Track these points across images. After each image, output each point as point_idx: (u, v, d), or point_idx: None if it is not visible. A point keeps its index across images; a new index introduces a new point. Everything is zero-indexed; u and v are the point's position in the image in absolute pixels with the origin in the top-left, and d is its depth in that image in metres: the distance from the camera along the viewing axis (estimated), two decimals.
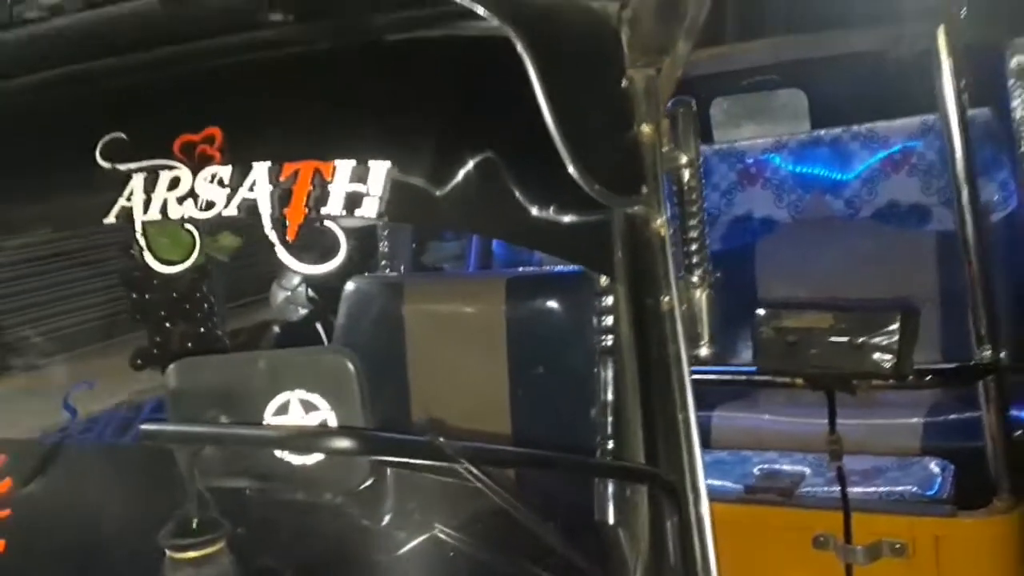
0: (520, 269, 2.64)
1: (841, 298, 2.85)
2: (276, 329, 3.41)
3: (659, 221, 1.26)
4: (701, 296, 1.35)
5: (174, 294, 1.80)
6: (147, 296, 1.78)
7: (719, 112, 3.57)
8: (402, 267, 3.15)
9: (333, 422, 1.11)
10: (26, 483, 1.41)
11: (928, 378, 2.06)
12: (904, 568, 1.98)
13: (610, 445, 1.29)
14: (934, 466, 2.22)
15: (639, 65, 1.28)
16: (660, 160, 1.28)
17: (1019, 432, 2.34)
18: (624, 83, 1.27)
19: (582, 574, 1.18)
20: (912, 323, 1.78)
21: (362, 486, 1.11)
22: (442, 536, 1.24)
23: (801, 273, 3.28)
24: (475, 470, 1.03)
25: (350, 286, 2.15)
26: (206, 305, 1.89)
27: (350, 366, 1.14)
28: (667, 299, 1.25)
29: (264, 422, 1.13)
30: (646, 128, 1.27)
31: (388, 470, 1.17)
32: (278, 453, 1.13)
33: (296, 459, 1.12)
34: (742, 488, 2.24)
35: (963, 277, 3.29)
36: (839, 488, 1.97)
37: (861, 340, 1.78)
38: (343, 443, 1.08)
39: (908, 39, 2.09)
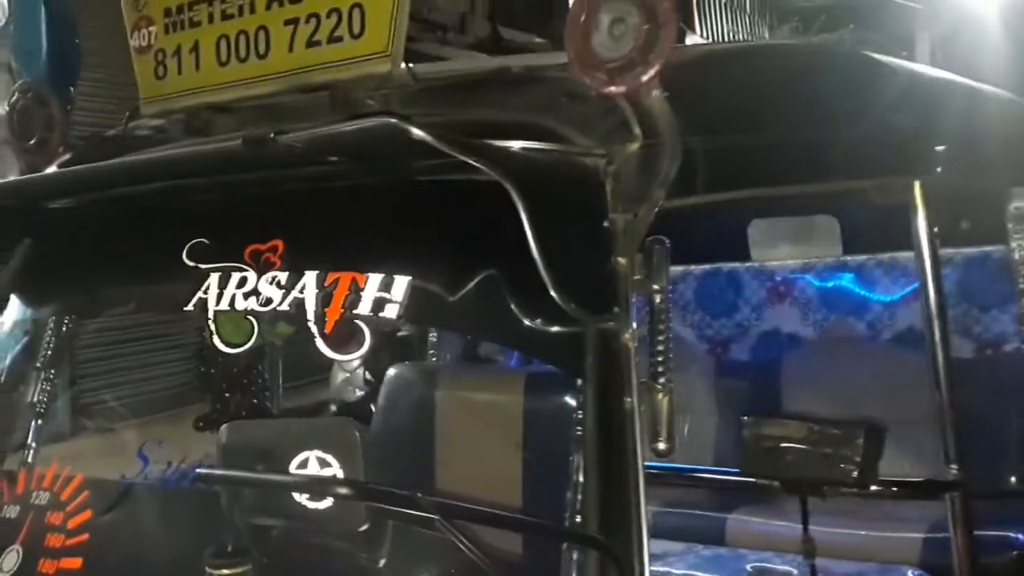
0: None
1: (856, 414, 3.04)
2: (333, 408, 3.74)
3: (627, 335, 1.54)
4: (663, 400, 1.61)
5: (234, 370, 2.13)
6: (212, 370, 2.11)
7: (756, 232, 3.84)
8: (448, 356, 3.46)
9: (341, 475, 1.41)
10: (103, 515, 1.73)
11: (894, 489, 2.25)
12: None
13: (578, 519, 1.55)
14: (910, 574, 2.40)
15: (619, 210, 1.59)
16: (631, 286, 1.57)
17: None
18: (606, 224, 1.57)
19: None
20: (876, 438, 2.00)
21: (360, 528, 1.39)
22: None
23: (822, 388, 3.49)
24: (447, 523, 1.31)
25: (391, 372, 2.46)
26: (260, 380, 2.22)
27: (355, 432, 1.44)
28: (629, 400, 1.52)
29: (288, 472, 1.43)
30: (621, 260, 1.56)
31: (387, 523, 1.46)
32: (297, 497, 1.43)
33: (310, 504, 1.41)
34: None
35: (978, 404, 3.46)
36: None
37: (830, 451, 2.01)
38: (342, 489, 1.37)
39: (890, 189, 2.34)
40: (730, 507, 3.21)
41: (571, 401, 2.30)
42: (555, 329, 1.52)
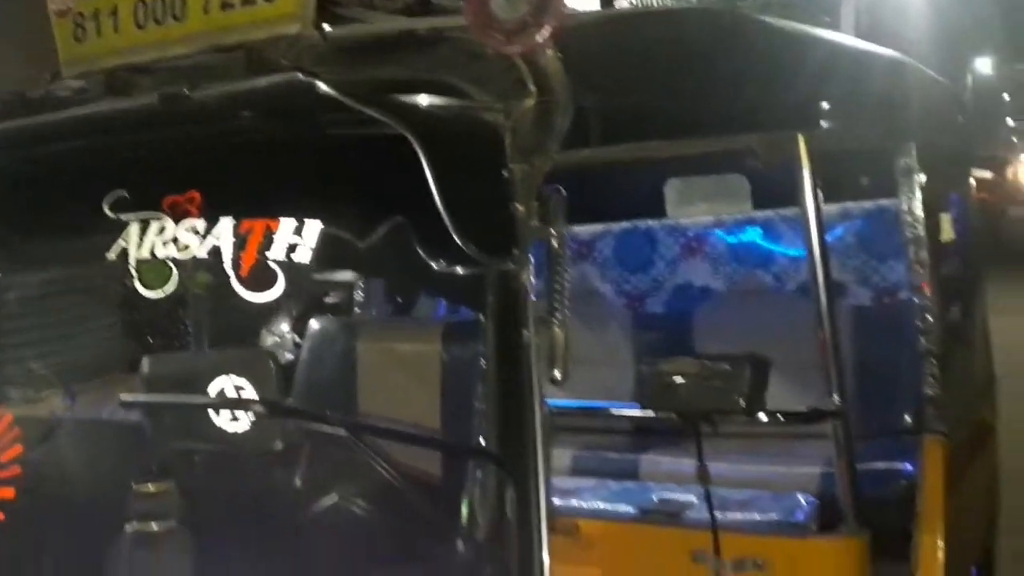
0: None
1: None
2: None
3: (524, 275, 1.69)
4: (558, 334, 1.76)
5: (157, 317, 2.22)
6: (136, 316, 2.21)
7: (672, 191, 4.01)
8: (373, 312, 3.58)
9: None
10: (34, 447, 1.83)
11: (780, 418, 2.44)
12: None
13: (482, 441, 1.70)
14: (800, 498, 2.60)
15: (517, 161, 1.72)
16: (528, 232, 1.71)
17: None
18: (504, 174, 1.70)
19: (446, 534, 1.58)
20: (761, 370, 2.18)
21: (276, 447, 1.52)
22: (343, 500, 1.65)
23: (732, 336, 3.68)
24: (356, 439, 1.44)
25: (314, 325, 2.57)
26: (181, 327, 2.32)
27: (268, 360, 1.57)
28: (527, 333, 1.67)
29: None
30: (519, 207, 1.70)
31: (303, 444, 1.59)
32: (215, 421, 1.55)
33: (228, 426, 1.54)
34: (639, 511, 2.62)
35: (876, 347, 3.67)
36: (720, 513, 2.35)
37: (719, 383, 2.18)
38: (256, 408, 1.50)
39: (774, 145, 2.51)
40: (643, 448, 3.39)
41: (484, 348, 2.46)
42: (459, 271, 1.65)
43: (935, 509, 2.99)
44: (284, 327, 4.26)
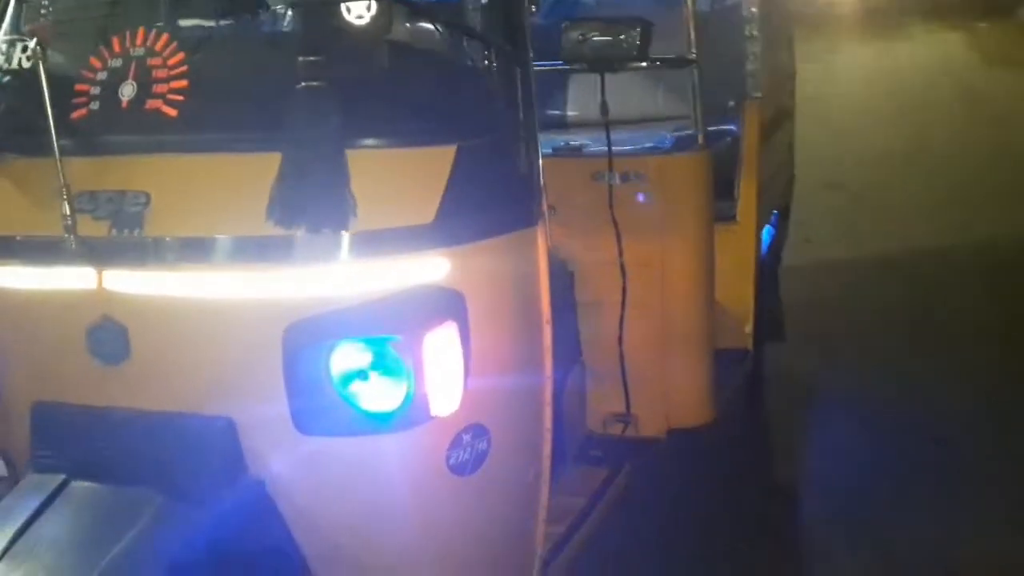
0: None
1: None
2: None
3: None
4: None
5: None
6: None
7: None
8: None
9: None
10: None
11: (658, 64, 3.37)
12: (639, 188, 3.38)
13: None
14: (666, 133, 3.63)
15: None
16: None
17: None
18: None
19: None
20: (647, 29, 3.09)
21: None
22: None
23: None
24: None
25: None
26: None
27: None
28: None
29: None
30: None
31: None
32: None
33: None
34: (552, 150, 3.55)
35: (714, 41, 4.58)
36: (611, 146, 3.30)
37: (622, 37, 3.07)
38: None
39: None
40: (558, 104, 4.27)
41: None
42: None
43: (752, 158, 4.10)
44: None
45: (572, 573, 2.86)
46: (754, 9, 4.11)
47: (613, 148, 3.31)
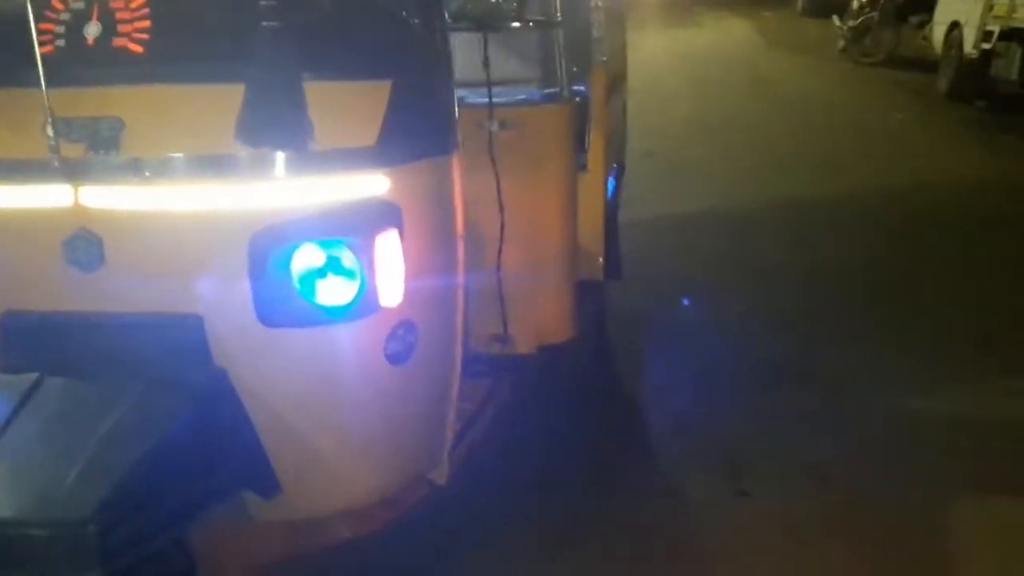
0: None
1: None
2: None
3: None
4: None
5: None
6: None
7: None
8: None
9: None
10: None
11: (531, 25, 3.88)
12: (514, 136, 3.87)
13: None
14: (535, 89, 4.15)
15: None
16: None
17: None
18: None
19: None
20: None
21: None
22: None
23: None
24: None
25: None
26: None
27: None
28: None
29: None
30: None
31: None
32: None
33: None
34: None
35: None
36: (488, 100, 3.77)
37: (502, 1, 3.56)
38: None
39: None
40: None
41: None
42: None
43: (600, 115, 4.68)
44: None
45: (470, 460, 3.35)
46: None
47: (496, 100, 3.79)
